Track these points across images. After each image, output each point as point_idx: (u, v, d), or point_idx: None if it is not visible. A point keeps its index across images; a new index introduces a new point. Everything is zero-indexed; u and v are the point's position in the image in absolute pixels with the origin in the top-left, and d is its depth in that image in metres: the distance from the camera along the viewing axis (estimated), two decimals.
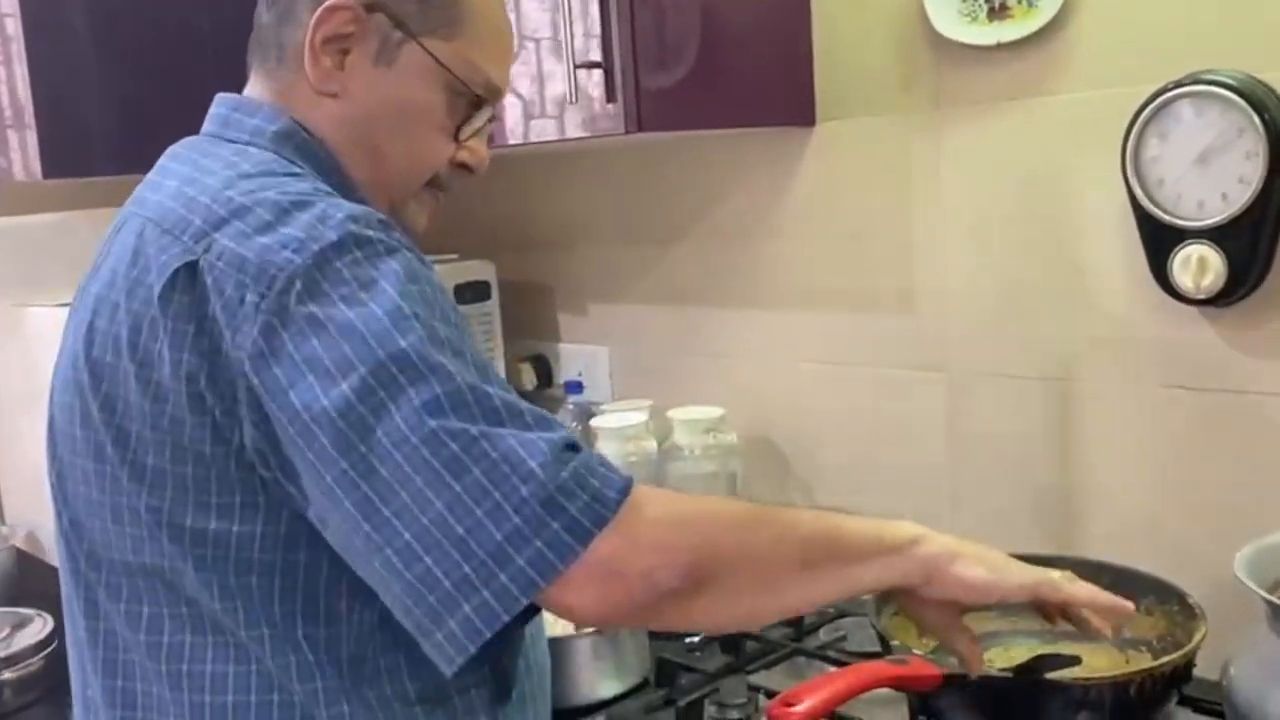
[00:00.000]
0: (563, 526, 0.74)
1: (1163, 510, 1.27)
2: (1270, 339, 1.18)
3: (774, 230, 1.57)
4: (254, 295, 0.78)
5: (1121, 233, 1.23)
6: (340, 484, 0.76)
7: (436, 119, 0.96)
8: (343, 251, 0.79)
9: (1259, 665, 0.96)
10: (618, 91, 1.32)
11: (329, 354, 0.77)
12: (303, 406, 0.77)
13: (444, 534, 0.74)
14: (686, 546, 0.79)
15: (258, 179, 0.86)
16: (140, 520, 0.85)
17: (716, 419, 1.57)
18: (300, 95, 0.94)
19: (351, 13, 0.92)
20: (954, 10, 1.33)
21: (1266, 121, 1.11)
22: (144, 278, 0.84)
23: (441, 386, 0.76)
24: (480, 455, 0.74)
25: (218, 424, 0.81)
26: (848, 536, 0.88)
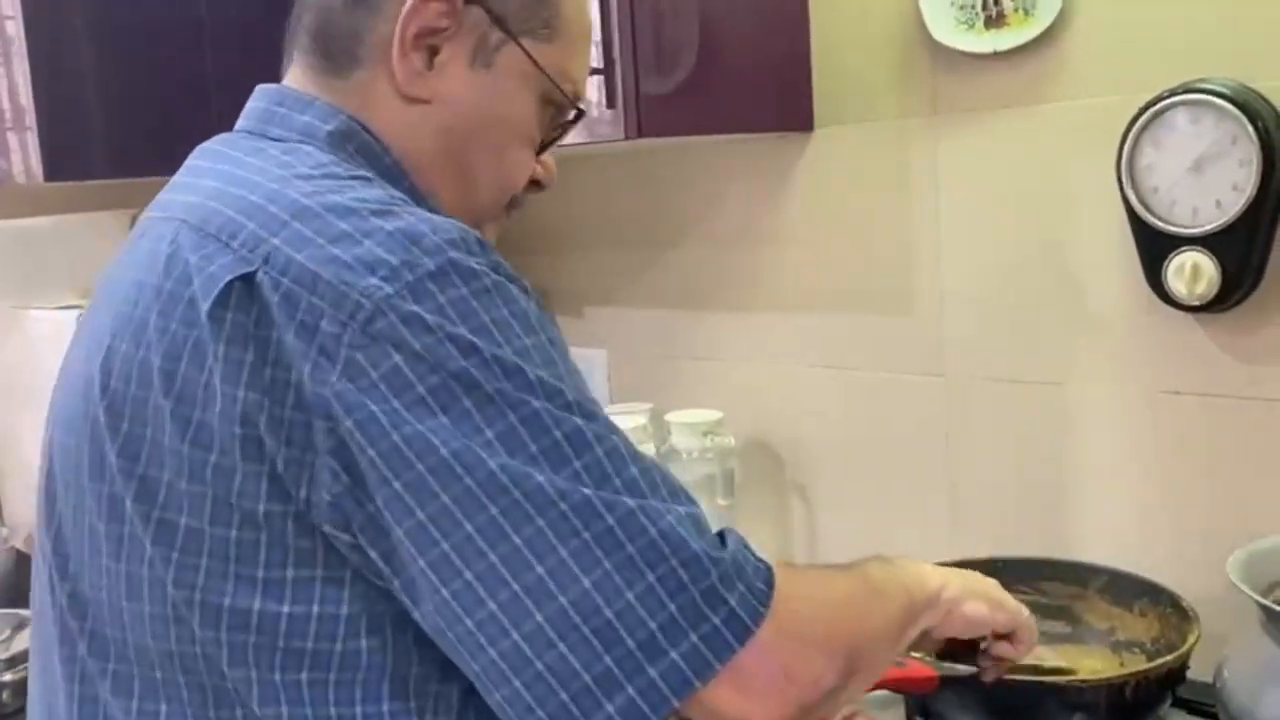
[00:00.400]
0: (722, 620, 0.65)
1: (1157, 513, 1.28)
2: (1263, 345, 1.19)
3: (772, 234, 1.58)
4: (332, 324, 0.65)
5: (1117, 239, 1.25)
6: (461, 551, 0.64)
7: (528, 131, 0.86)
8: (444, 284, 0.66)
9: (1252, 668, 0.97)
10: (617, 97, 1.33)
11: (441, 408, 0.64)
12: (416, 456, 0.64)
13: (585, 617, 0.63)
14: (842, 640, 0.73)
15: (318, 179, 0.73)
16: (165, 597, 0.70)
17: (714, 422, 1.58)
18: (377, 98, 0.81)
19: (449, 4, 0.80)
20: (951, 18, 1.34)
21: (1259, 130, 1.12)
22: (181, 291, 0.70)
23: (580, 456, 0.66)
24: (638, 531, 0.64)
25: (278, 476, 0.67)
26: (913, 598, 0.85)
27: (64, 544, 0.77)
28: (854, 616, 0.77)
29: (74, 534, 0.76)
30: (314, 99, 0.81)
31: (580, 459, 0.65)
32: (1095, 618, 1.23)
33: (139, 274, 0.74)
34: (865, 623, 0.77)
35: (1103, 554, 1.29)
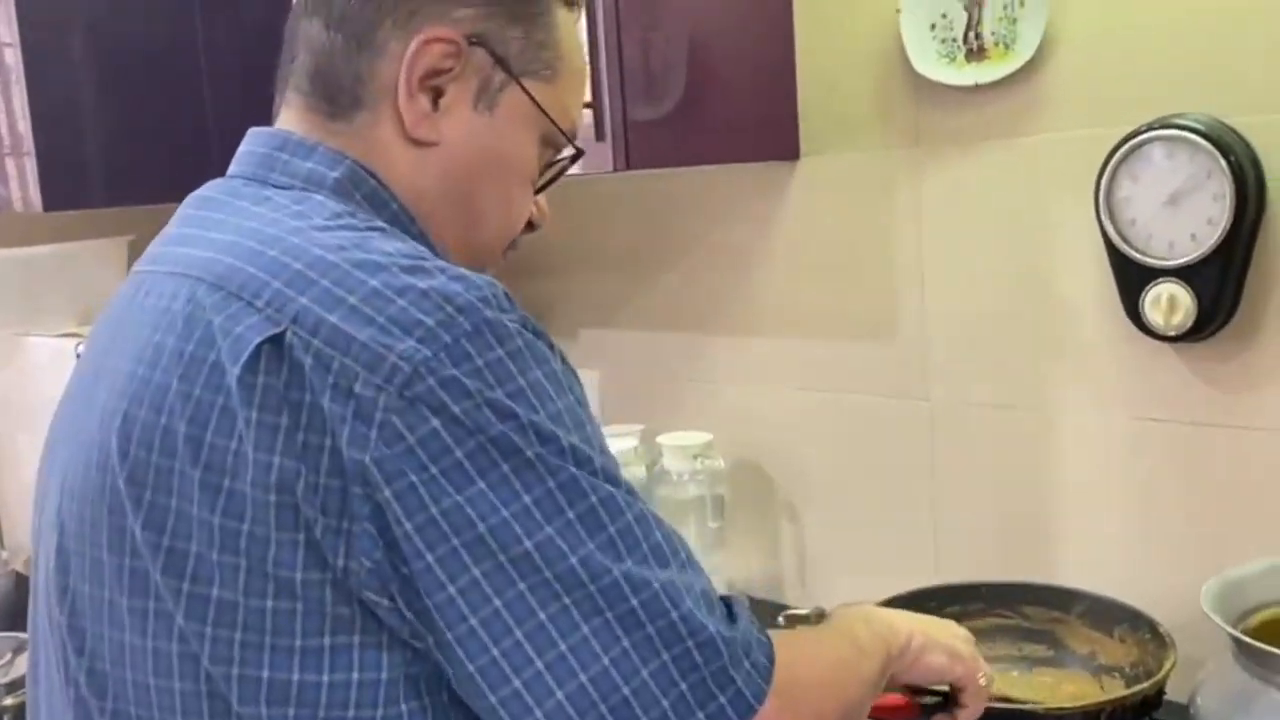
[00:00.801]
0: (729, 699, 0.69)
1: (1135, 540, 1.30)
2: (1238, 374, 1.21)
3: (761, 260, 1.61)
4: (367, 388, 0.65)
5: (1096, 269, 1.27)
6: (489, 626, 0.65)
7: (530, 171, 0.86)
8: (481, 346, 0.66)
9: (1224, 695, 0.99)
10: (606, 130, 1.35)
11: (479, 473, 0.65)
12: (451, 530, 0.65)
13: (604, 695, 0.66)
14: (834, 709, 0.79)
15: (337, 232, 0.72)
16: (199, 672, 0.68)
17: (704, 444, 1.60)
18: (380, 141, 0.80)
19: (454, 45, 0.79)
20: (933, 51, 1.37)
21: (1232, 164, 1.14)
22: (205, 354, 0.68)
23: (613, 523, 0.67)
24: (660, 613, 0.67)
25: (315, 543, 0.66)
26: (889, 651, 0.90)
27: (80, 619, 0.74)
28: (843, 682, 0.81)
29: (92, 609, 0.73)
30: (316, 144, 0.80)
31: (614, 524, 0.67)
32: (1076, 642, 1.26)
33: (154, 334, 0.72)
34: (852, 687, 0.83)
35: (1083, 577, 1.31)
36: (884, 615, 0.95)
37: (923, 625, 0.95)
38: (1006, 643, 1.27)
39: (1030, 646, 1.27)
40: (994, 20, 1.32)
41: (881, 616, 0.94)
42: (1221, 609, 1.03)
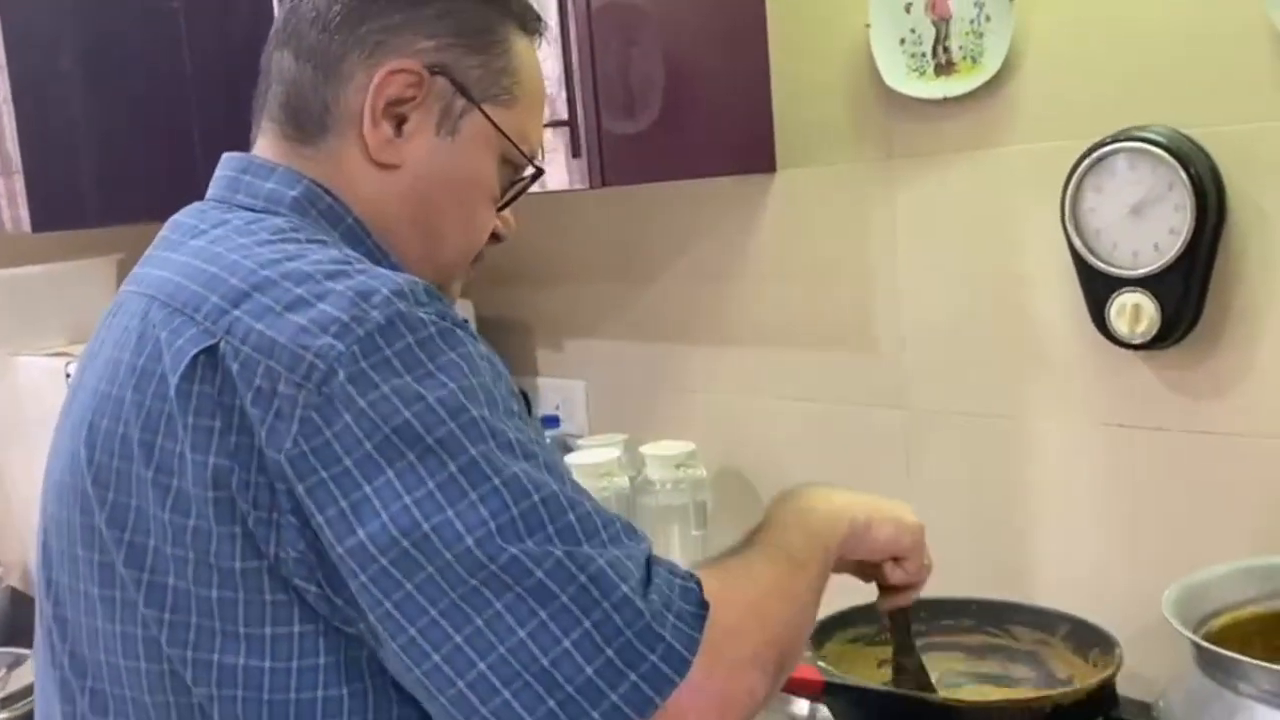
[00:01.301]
0: (659, 657, 0.70)
1: (1106, 544, 1.33)
2: (1204, 380, 1.23)
3: (740, 271, 1.63)
4: (288, 386, 0.70)
5: (1064, 279, 1.29)
6: (403, 608, 0.68)
7: (489, 190, 0.91)
8: (392, 337, 0.71)
9: (1185, 698, 1.01)
10: (581, 147, 1.37)
11: (387, 462, 0.68)
12: (358, 522, 0.68)
13: (525, 665, 0.68)
14: (772, 649, 0.77)
15: (277, 245, 0.78)
16: (161, 655, 0.74)
17: (686, 454, 1.63)
18: (347, 164, 0.85)
19: (416, 76, 0.85)
20: (903, 65, 1.39)
21: (1193, 176, 1.17)
22: (153, 366, 0.75)
23: (517, 504, 0.69)
24: (567, 579, 0.68)
25: (250, 534, 0.71)
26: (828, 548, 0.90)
27: (62, 608, 0.81)
28: (782, 612, 0.80)
29: (70, 598, 0.80)
30: (276, 166, 0.86)
31: (517, 506, 0.69)
32: (1059, 665, 1.25)
33: (115, 351, 0.79)
34: (793, 611, 0.82)
35: (1056, 583, 1.34)
36: (824, 505, 0.94)
37: (865, 501, 0.98)
38: (995, 662, 1.28)
39: (1017, 667, 1.26)
40: (961, 35, 1.34)
41: (821, 508, 0.93)
42: (1184, 613, 1.05)
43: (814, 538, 0.89)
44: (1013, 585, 1.38)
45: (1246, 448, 1.21)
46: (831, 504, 0.95)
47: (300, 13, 0.88)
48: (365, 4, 0.86)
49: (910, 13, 1.37)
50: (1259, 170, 1.17)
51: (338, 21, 0.86)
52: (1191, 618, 1.07)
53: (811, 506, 0.94)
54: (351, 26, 0.85)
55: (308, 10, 0.87)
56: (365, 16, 0.85)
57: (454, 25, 0.87)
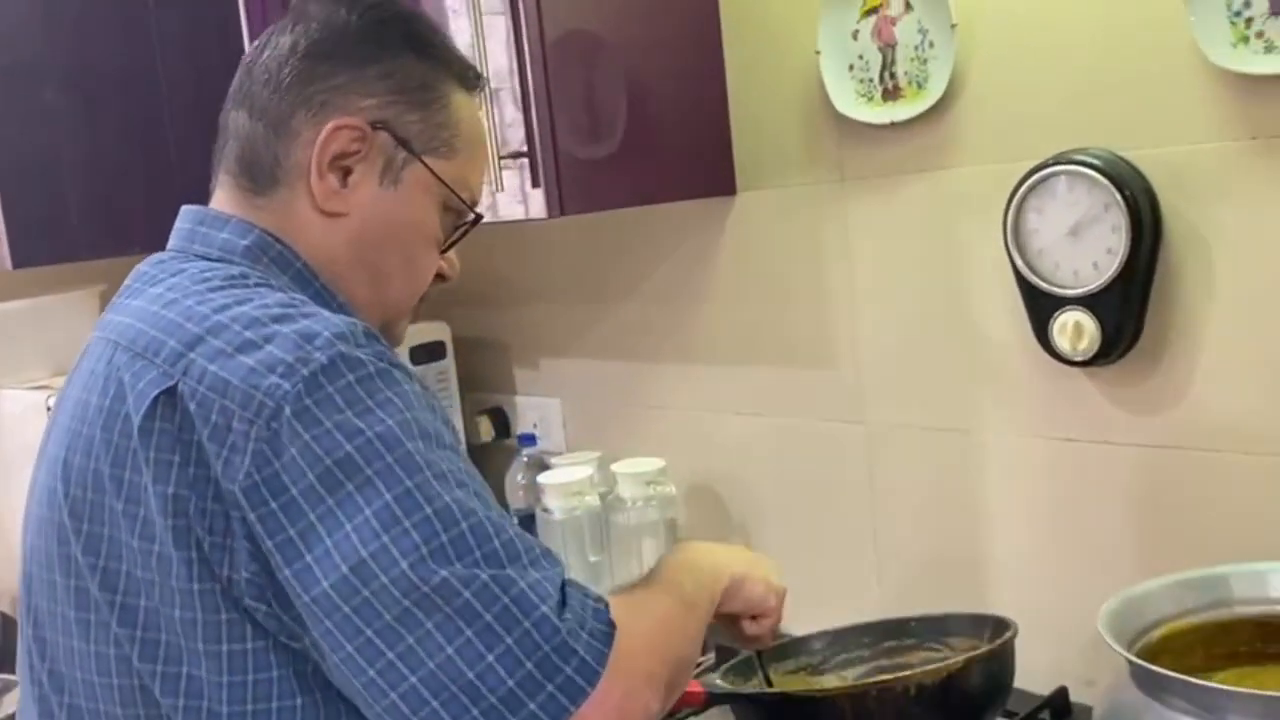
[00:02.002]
0: (574, 670, 0.77)
1: (1054, 555, 1.36)
2: (1146, 395, 1.27)
3: (704, 291, 1.66)
4: (241, 423, 0.76)
5: (1009, 297, 1.32)
6: (342, 629, 0.75)
7: (433, 235, 0.97)
8: (334, 376, 0.77)
9: (1118, 709, 1.04)
10: (540, 178, 1.41)
11: (328, 491, 0.75)
12: (305, 548, 0.75)
13: (452, 678, 0.74)
14: (665, 669, 0.85)
15: (228, 290, 0.84)
16: (131, 670, 0.81)
17: (656, 471, 1.66)
18: (296, 213, 0.92)
19: (359, 131, 0.91)
20: (852, 91, 1.42)
21: (1127, 198, 1.20)
22: (118, 407, 0.81)
23: (447, 530, 0.76)
24: (492, 600, 0.75)
25: (205, 558, 0.78)
26: (714, 595, 0.99)
27: (41, 629, 0.89)
28: (674, 642, 0.89)
29: (49, 620, 0.87)
30: (230, 217, 0.92)
31: (447, 533, 0.76)
32: None
33: (84, 394, 0.86)
34: (683, 643, 0.91)
35: (1008, 592, 1.37)
36: (708, 560, 1.03)
37: (743, 558, 1.07)
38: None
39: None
40: (906, 61, 1.37)
41: (706, 562, 1.02)
42: (1122, 625, 1.08)
43: (701, 587, 0.98)
44: (968, 593, 1.42)
45: (1188, 460, 1.24)
46: (715, 559, 1.04)
47: (254, 74, 0.94)
48: (313, 66, 0.92)
49: (857, 39, 1.41)
50: (1193, 191, 1.20)
51: (288, 82, 0.92)
52: (1130, 629, 1.10)
53: (697, 560, 1.02)
54: (300, 87, 0.92)
55: (261, 72, 0.94)
56: (313, 78, 0.92)
57: (395, 84, 0.93)
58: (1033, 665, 1.30)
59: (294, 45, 0.93)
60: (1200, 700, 0.96)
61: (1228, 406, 1.21)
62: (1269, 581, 1.14)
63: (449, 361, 1.94)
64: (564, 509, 1.66)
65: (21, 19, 1.77)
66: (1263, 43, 1.12)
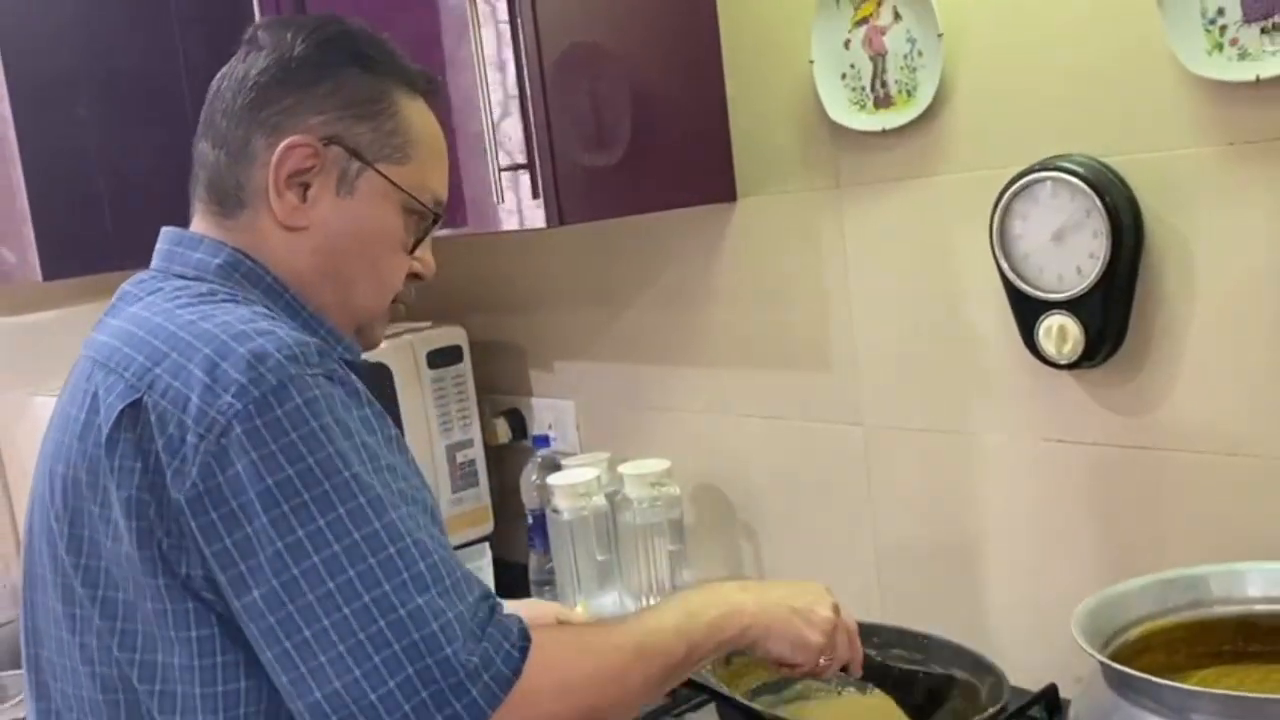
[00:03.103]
0: (464, 706, 0.81)
1: (1044, 554, 1.38)
2: (1131, 397, 1.28)
3: (708, 295, 1.70)
4: (194, 437, 0.82)
5: (998, 301, 1.34)
6: (266, 636, 0.81)
7: (397, 239, 1.01)
8: (283, 399, 0.82)
9: (1091, 708, 1.07)
10: (539, 189, 1.45)
11: (264, 509, 0.81)
12: (239, 557, 0.81)
13: (355, 699, 0.80)
14: (571, 715, 0.87)
15: (197, 307, 0.90)
16: (111, 659, 0.88)
17: (663, 472, 1.69)
18: (262, 231, 0.97)
19: (311, 148, 0.96)
20: (845, 99, 1.45)
21: (1108, 205, 1.22)
22: (92, 419, 0.87)
23: (374, 555, 0.81)
24: (402, 633, 0.80)
25: (165, 555, 0.84)
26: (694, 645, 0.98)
27: (34, 619, 0.97)
28: (601, 691, 0.90)
29: (42, 613, 0.95)
30: (203, 238, 0.99)
31: (375, 556, 0.82)
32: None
33: (69, 408, 0.93)
34: (614, 691, 0.91)
35: (1002, 593, 1.39)
36: (722, 602, 1.02)
37: (770, 616, 1.04)
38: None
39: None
40: (896, 69, 1.40)
41: (715, 605, 1.01)
42: (1097, 625, 1.10)
43: (680, 637, 0.97)
44: (962, 589, 1.45)
45: (1171, 461, 1.26)
46: (730, 605, 1.03)
47: (215, 106, 1.00)
48: (264, 92, 0.97)
49: (849, 49, 1.43)
50: (1173, 196, 1.22)
51: (241, 110, 0.98)
52: (1109, 628, 1.12)
53: (707, 604, 1.02)
54: (253, 112, 0.97)
55: (219, 103, 1.00)
56: (264, 103, 0.97)
57: (342, 99, 0.98)
58: (1025, 661, 1.34)
59: (245, 74, 0.98)
60: (1164, 699, 0.99)
61: (1209, 408, 1.23)
62: (1248, 581, 1.16)
63: (466, 365, 1.98)
64: (572, 509, 1.70)
65: (54, 36, 1.83)
66: (1236, 50, 1.13)
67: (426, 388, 1.93)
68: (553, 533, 1.74)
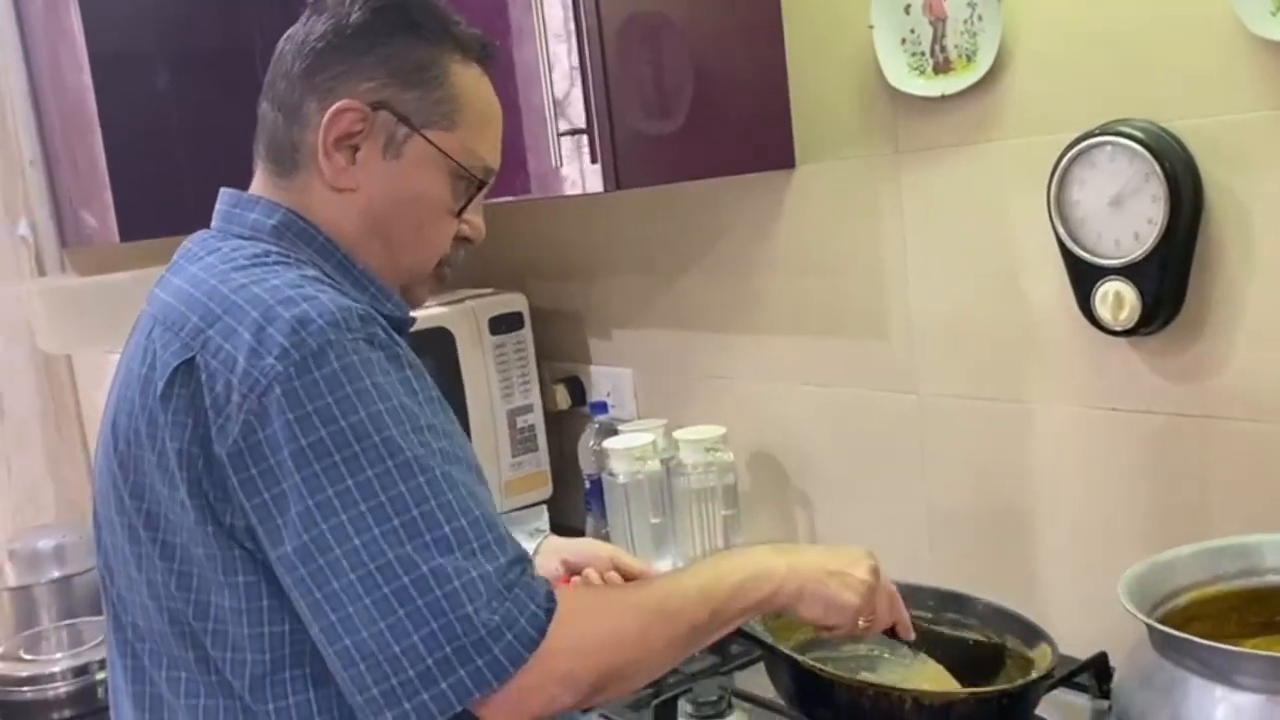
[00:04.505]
0: (485, 664, 0.84)
1: (1098, 522, 1.37)
2: (1188, 365, 1.27)
3: (765, 262, 1.71)
4: (238, 396, 0.86)
5: (1055, 268, 1.34)
6: (299, 586, 0.86)
7: (443, 203, 1.04)
8: (322, 362, 0.86)
9: (1136, 669, 1.07)
10: (598, 153, 1.47)
11: (297, 467, 0.85)
12: (276, 511, 0.85)
13: (380, 648, 0.84)
14: (589, 675, 0.89)
15: (249, 270, 0.93)
16: (173, 594, 0.93)
17: (717, 438, 1.71)
18: (314, 191, 1.01)
19: (359, 112, 0.99)
20: (904, 65, 1.45)
21: (1166, 170, 1.21)
22: (150, 374, 0.92)
23: (399, 516, 0.84)
24: (426, 590, 0.84)
25: (213, 506, 0.89)
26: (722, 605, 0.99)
27: (107, 558, 1.02)
28: (620, 651, 0.92)
29: (113, 553, 1.00)
30: (259, 199, 1.02)
31: (398, 518, 0.85)
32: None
33: (131, 362, 0.98)
34: (634, 652, 0.93)
35: (1054, 560, 1.39)
36: (753, 564, 1.03)
37: (810, 571, 1.05)
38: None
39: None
40: (956, 34, 1.39)
41: (747, 572, 1.02)
42: (1144, 591, 1.10)
43: (704, 599, 0.98)
44: (1014, 557, 1.45)
45: (1227, 430, 1.25)
46: (760, 568, 1.03)
47: (276, 68, 1.04)
48: (320, 57, 1.01)
49: (909, 14, 1.43)
50: (1233, 161, 1.20)
51: (299, 74, 1.01)
52: (1156, 594, 1.12)
53: (737, 569, 1.02)
54: (309, 76, 1.01)
55: (280, 66, 1.03)
56: (320, 68, 1.01)
57: (392, 66, 1.01)
58: (1076, 630, 1.33)
59: (305, 39, 1.02)
60: (1210, 661, 0.99)
61: (1267, 377, 1.21)
62: None
63: (527, 332, 2.01)
64: (628, 473, 1.72)
65: (134, 9, 1.89)
66: None
67: (488, 353, 1.97)
68: (609, 496, 1.76)
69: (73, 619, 1.85)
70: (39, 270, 2.16)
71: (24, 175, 2.13)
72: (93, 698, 1.66)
